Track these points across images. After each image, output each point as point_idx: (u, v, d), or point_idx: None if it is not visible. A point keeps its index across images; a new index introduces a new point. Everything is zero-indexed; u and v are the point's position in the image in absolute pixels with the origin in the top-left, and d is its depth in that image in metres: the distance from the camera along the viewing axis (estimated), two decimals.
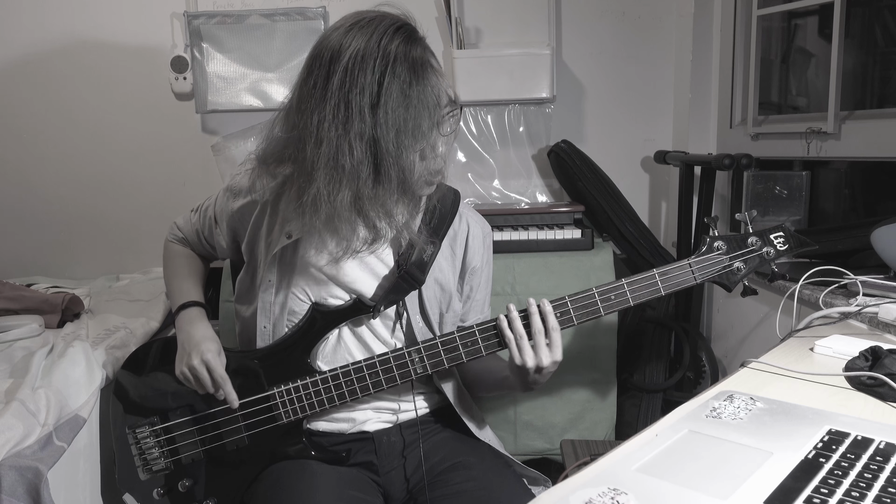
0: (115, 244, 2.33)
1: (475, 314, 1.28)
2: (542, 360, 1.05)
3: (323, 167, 0.98)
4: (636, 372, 2.03)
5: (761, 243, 1.11)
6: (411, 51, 0.97)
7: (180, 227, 1.36)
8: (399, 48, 0.96)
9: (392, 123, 0.95)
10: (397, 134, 0.96)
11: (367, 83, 0.95)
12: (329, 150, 0.97)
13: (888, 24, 1.86)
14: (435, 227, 1.17)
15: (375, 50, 0.96)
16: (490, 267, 1.29)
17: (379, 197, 1.01)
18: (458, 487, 1.12)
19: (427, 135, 0.99)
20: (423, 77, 0.97)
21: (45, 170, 2.30)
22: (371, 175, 0.99)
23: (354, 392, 1.13)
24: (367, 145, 0.97)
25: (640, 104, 2.25)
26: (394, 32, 0.98)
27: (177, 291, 1.30)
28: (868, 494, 0.64)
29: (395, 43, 0.97)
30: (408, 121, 0.96)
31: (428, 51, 1.02)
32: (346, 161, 0.97)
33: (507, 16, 2.20)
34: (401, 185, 1.01)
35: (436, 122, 1.00)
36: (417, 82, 0.96)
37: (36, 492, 1.14)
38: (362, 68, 0.95)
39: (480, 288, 1.27)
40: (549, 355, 1.05)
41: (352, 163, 0.97)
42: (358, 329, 1.18)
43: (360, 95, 0.95)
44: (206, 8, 2.18)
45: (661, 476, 0.69)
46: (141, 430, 1.21)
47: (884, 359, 0.93)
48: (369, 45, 0.96)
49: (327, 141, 0.97)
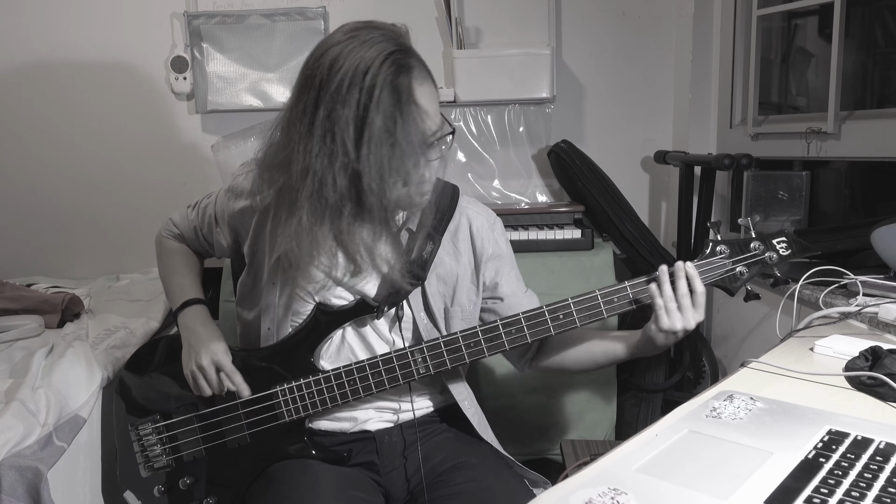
0: (115, 244, 2.34)
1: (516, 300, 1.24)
2: (690, 322, 1.07)
3: (307, 198, 0.98)
4: (636, 372, 2.03)
5: (764, 248, 1.11)
6: (398, 82, 0.95)
7: (176, 223, 1.36)
8: (386, 79, 0.94)
9: (375, 159, 0.95)
10: (380, 170, 0.95)
11: (352, 117, 0.94)
12: (314, 182, 0.97)
13: (888, 24, 1.86)
14: (434, 224, 1.17)
15: (361, 81, 0.94)
16: (510, 251, 1.28)
17: (359, 231, 1.02)
18: (459, 488, 1.12)
19: (412, 168, 0.98)
20: (409, 111, 0.96)
21: (45, 170, 2.30)
22: (353, 209, 0.99)
23: (357, 391, 1.13)
24: (350, 180, 0.96)
25: (640, 104, 2.26)
26: (382, 61, 0.95)
27: (177, 288, 1.30)
28: (868, 494, 0.64)
29: (382, 72, 0.94)
30: (392, 157, 0.95)
31: (417, 76, 0.99)
32: (329, 194, 0.97)
33: (507, 16, 2.20)
34: (382, 219, 1.01)
35: (422, 153, 0.99)
36: (402, 117, 0.95)
37: (36, 492, 1.14)
38: (347, 101, 0.94)
39: (505, 272, 1.24)
40: (695, 316, 1.07)
41: (335, 196, 0.97)
42: (362, 329, 1.18)
43: (345, 129, 0.94)
44: (206, 8, 2.18)
45: (661, 476, 0.69)
46: (143, 427, 1.21)
47: (884, 359, 0.93)
48: (356, 75, 0.94)
49: (312, 172, 0.97)
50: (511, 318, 1.10)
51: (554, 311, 1.09)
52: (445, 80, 2.20)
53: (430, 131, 1.00)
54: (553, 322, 1.09)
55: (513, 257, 1.28)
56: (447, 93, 2.10)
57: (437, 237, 1.18)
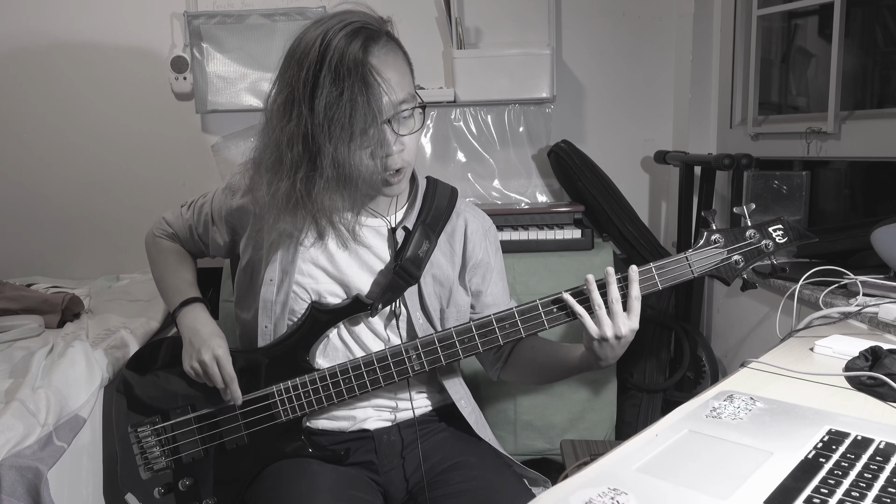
0: (115, 244, 2.34)
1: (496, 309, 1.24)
2: (620, 329, 1.04)
3: (268, 159, 1.03)
4: (636, 372, 2.03)
5: (760, 236, 1.10)
6: (347, 48, 0.97)
7: (170, 222, 1.36)
8: (336, 46, 0.97)
9: (323, 119, 0.97)
10: (330, 130, 0.97)
11: (306, 81, 0.98)
12: (272, 144, 1.01)
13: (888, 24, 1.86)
14: (430, 224, 1.18)
15: (317, 48, 0.98)
16: (500, 261, 1.28)
17: (316, 194, 1.03)
18: (458, 487, 1.12)
19: (366, 132, 0.99)
20: (356, 74, 0.97)
21: (45, 170, 2.30)
22: (308, 170, 1.01)
23: (353, 390, 1.13)
24: (304, 139, 0.99)
25: (640, 104, 2.25)
26: (338, 30, 0.99)
27: (174, 288, 1.29)
28: (868, 494, 0.64)
29: (335, 40, 0.98)
30: (339, 117, 0.97)
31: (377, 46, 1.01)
32: (286, 155, 1.00)
33: (507, 16, 2.20)
34: (339, 182, 1.02)
35: (379, 121, 1.00)
36: (349, 78, 0.97)
37: (36, 492, 1.14)
38: (303, 65, 0.99)
39: (493, 283, 1.26)
40: (627, 322, 1.04)
41: (290, 156, 1.00)
42: (356, 327, 1.18)
43: (300, 91, 0.98)
44: (206, 8, 2.18)
45: (661, 476, 0.69)
46: (143, 429, 1.21)
47: (884, 359, 0.93)
48: (315, 42, 0.99)
49: (274, 136, 1.01)
50: (505, 313, 1.10)
51: (546, 304, 1.09)
52: (445, 80, 2.20)
53: (389, 100, 1.01)
54: (546, 316, 1.09)
55: (502, 267, 1.29)
56: (447, 93, 2.10)
57: (434, 237, 1.18)
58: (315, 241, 1.15)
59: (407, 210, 1.20)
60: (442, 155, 2.27)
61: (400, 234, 1.17)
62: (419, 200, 1.20)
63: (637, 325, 1.05)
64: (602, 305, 1.04)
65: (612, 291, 1.04)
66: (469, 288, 1.24)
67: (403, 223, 1.18)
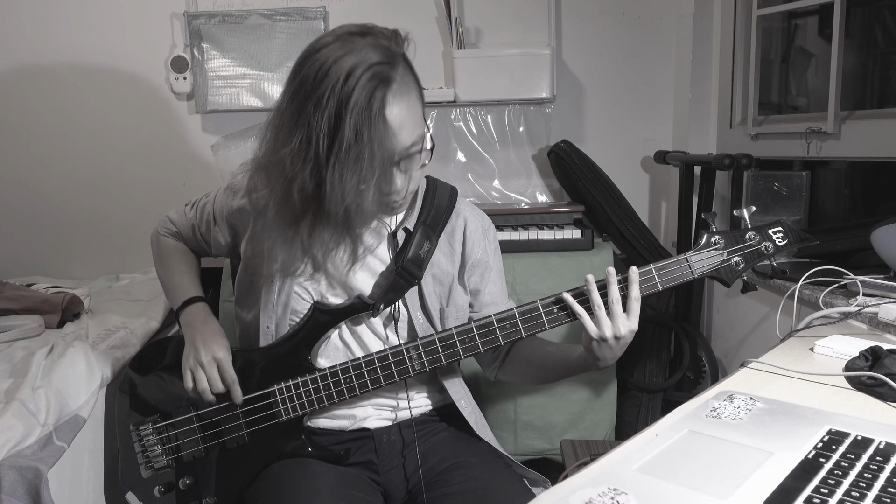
0: (115, 244, 2.34)
1: (495, 309, 1.23)
2: (620, 329, 1.04)
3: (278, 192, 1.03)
4: (636, 372, 2.03)
5: (760, 238, 1.10)
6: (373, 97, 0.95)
7: (174, 221, 1.36)
8: (361, 91, 0.94)
9: (339, 169, 0.96)
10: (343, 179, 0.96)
11: (325, 125, 0.95)
12: (284, 180, 1.00)
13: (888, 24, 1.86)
14: (431, 224, 1.18)
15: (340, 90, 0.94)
16: (499, 260, 1.28)
17: (317, 233, 1.04)
18: (457, 487, 1.12)
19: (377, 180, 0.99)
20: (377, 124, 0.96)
21: (45, 170, 2.30)
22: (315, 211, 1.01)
23: (353, 389, 1.13)
24: (316, 184, 0.98)
25: (640, 104, 2.25)
26: (363, 72, 0.95)
27: (178, 287, 1.30)
28: (868, 494, 0.64)
29: (359, 84, 0.94)
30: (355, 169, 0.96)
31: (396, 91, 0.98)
32: (295, 195, 1.00)
33: (507, 16, 2.20)
34: (344, 224, 1.03)
35: (388, 167, 1.00)
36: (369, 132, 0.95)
37: (36, 492, 1.14)
38: (324, 109, 0.95)
39: (491, 281, 1.25)
40: (626, 323, 1.04)
41: (300, 197, 1.00)
42: (358, 327, 1.18)
43: (319, 135, 0.96)
44: (206, 8, 2.18)
45: (661, 476, 0.69)
46: (144, 428, 1.22)
47: (884, 359, 0.93)
48: (337, 84, 0.95)
49: (286, 175, 1.00)
50: (505, 314, 1.10)
51: (548, 304, 1.09)
52: (445, 80, 2.20)
53: (402, 146, 1.00)
54: (547, 317, 1.09)
55: (500, 267, 1.29)
56: (447, 93, 2.10)
57: (434, 237, 1.18)
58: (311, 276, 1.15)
59: (407, 211, 1.20)
60: (442, 155, 2.27)
61: (400, 234, 1.17)
62: (419, 201, 1.20)
63: (636, 325, 1.05)
64: (601, 306, 1.04)
65: (613, 292, 1.04)
66: (468, 287, 1.24)
67: (404, 224, 1.18)
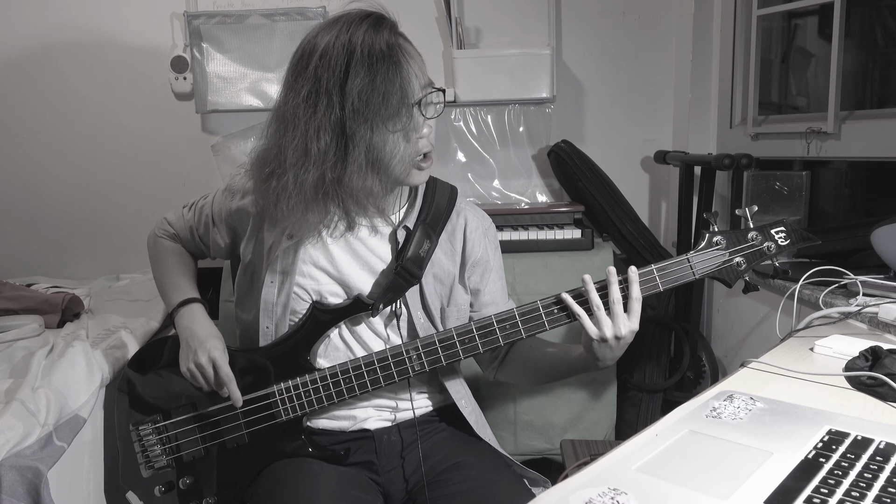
0: (115, 244, 2.34)
1: (495, 308, 1.24)
2: (620, 329, 1.04)
3: (292, 154, 1.02)
4: (636, 372, 2.03)
5: (762, 238, 1.09)
6: (376, 35, 1.01)
7: (171, 222, 1.36)
8: (364, 35, 1.01)
9: (358, 104, 0.99)
10: (365, 115, 0.99)
11: (335, 70, 0.99)
12: (298, 136, 1.01)
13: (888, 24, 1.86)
14: (431, 223, 1.18)
15: (342, 39, 1.01)
16: (499, 260, 1.28)
17: (347, 181, 1.03)
18: (457, 487, 1.12)
19: (399, 113, 1.01)
20: (389, 58, 1.01)
21: (45, 170, 2.30)
22: (339, 158, 1.02)
23: (353, 390, 1.13)
24: (333, 128, 1.00)
25: (640, 104, 2.25)
26: (359, 22, 1.02)
27: (173, 288, 1.29)
28: (868, 494, 0.64)
29: (360, 30, 1.01)
30: (374, 100, 0.99)
31: (395, 35, 1.05)
32: (313, 146, 1.01)
33: (507, 16, 2.20)
34: (373, 166, 1.03)
35: (410, 103, 1.03)
36: (383, 62, 1.00)
37: (36, 492, 1.14)
38: (330, 57, 1.00)
39: (491, 281, 1.25)
40: (626, 323, 1.04)
41: (318, 147, 1.01)
42: (357, 327, 1.18)
43: (329, 81, 1.00)
44: (206, 8, 2.18)
45: (661, 476, 0.69)
46: (144, 428, 1.22)
47: (884, 359, 0.93)
48: (338, 38, 1.01)
49: (298, 127, 1.01)
50: (505, 314, 1.10)
51: (548, 305, 1.09)
52: (445, 80, 2.20)
53: (416, 80, 1.04)
54: (547, 318, 1.09)
55: (501, 266, 1.30)
56: (447, 93, 2.10)
57: (435, 236, 1.18)
58: (344, 231, 1.14)
59: (407, 210, 1.20)
60: (442, 155, 2.27)
61: (401, 233, 1.17)
62: (419, 200, 1.20)
63: (637, 326, 1.05)
64: (601, 306, 1.04)
65: (614, 292, 1.04)
66: (468, 286, 1.24)
67: (404, 223, 1.18)
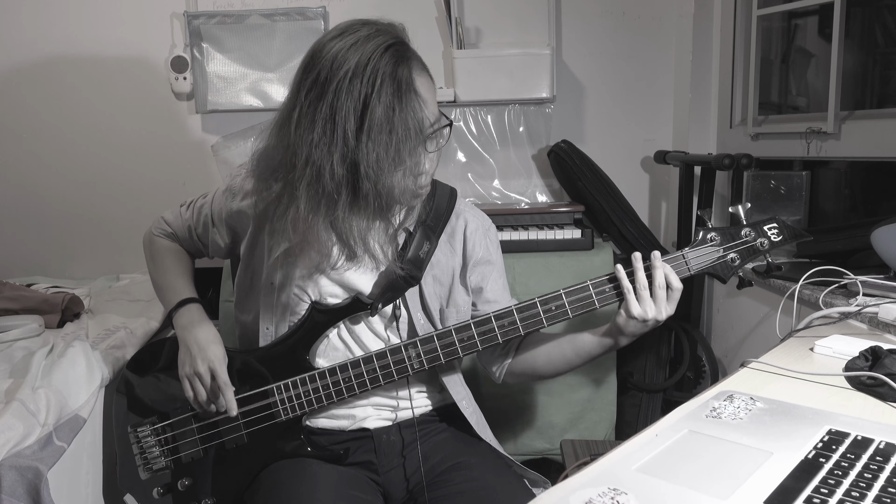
0: (115, 244, 2.33)
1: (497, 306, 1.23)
2: (661, 314, 1.08)
3: (305, 187, 1.00)
4: (636, 372, 2.03)
5: (755, 234, 1.12)
6: (398, 73, 0.97)
7: (169, 221, 1.35)
8: (386, 70, 0.97)
9: (373, 148, 0.97)
10: (378, 158, 0.97)
11: (353, 107, 0.96)
12: (312, 171, 0.99)
13: (888, 24, 1.86)
14: (431, 225, 1.18)
15: (363, 72, 0.96)
16: (500, 259, 1.28)
17: (354, 220, 1.03)
18: (457, 487, 1.12)
19: (410, 157, 1.00)
20: (408, 100, 0.98)
21: (45, 170, 2.30)
22: (349, 197, 1.01)
23: (352, 388, 1.13)
24: (347, 168, 0.98)
25: (640, 104, 2.25)
26: (382, 53, 0.97)
27: (171, 288, 1.28)
28: (868, 494, 0.64)
29: (382, 64, 0.97)
30: (389, 145, 0.97)
31: (416, 67, 1.01)
32: (326, 182, 0.99)
33: (507, 16, 2.20)
34: (378, 207, 1.02)
35: (420, 143, 1.01)
36: (401, 106, 0.97)
37: (36, 492, 1.14)
38: (350, 91, 0.96)
39: (493, 279, 1.25)
40: (667, 309, 1.08)
41: (332, 185, 0.99)
42: (356, 327, 1.18)
43: (346, 119, 0.97)
44: (206, 8, 2.18)
45: (661, 476, 0.69)
46: (143, 430, 1.21)
47: (884, 359, 0.93)
48: (358, 67, 0.96)
49: (311, 162, 0.99)
50: (503, 311, 1.11)
51: (546, 302, 1.09)
52: (445, 80, 2.20)
53: (428, 121, 1.02)
54: (545, 314, 1.09)
55: (502, 266, 1.30)
56: (447, 93, 2.10)
57: (435, 238, 1.18)
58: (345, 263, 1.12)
59: (407, 212, 1.20)
60: (442, 155, 2.27)
61: (401, 234, 1.17)
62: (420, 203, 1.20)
63: (674, 311, 1.10)
64: (646, 286, 1.08)
65: (659, 276, 1.07)
66: (469, 286, 1.24)
67: (404, 225, 1.18)
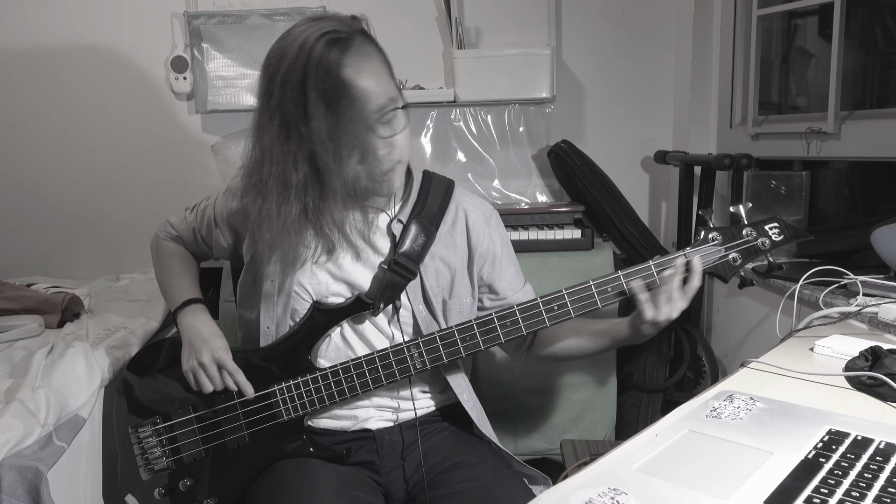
0: (115, 244, 2.33)
1: (513, 292, 1.26)
2: (673, 313, 1.08)
3: (274, 185, 1.02)
4: (636, 372, 2.03)
5: (756, 234, 1.12)
6: (328, 58, 0.98)
7: (174, 225, 1.36)
8: (316, 57, 0.97)
9: (320, 136, 0.98)
10: (328, 146, 0.98)
11: (294, 98, 0.98)
12: (277, 168, 1.01)
13: (888, 24, 1.86)
14: (426, 216, 1.18)
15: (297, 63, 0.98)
16: (507, 246, 1.29)
17: (326, 208, 1.04)
18: (458, 487, 1.12)
19: (360, 143, 1.01)
20: (339, 86, 0.98)
21: (45, 170, 2.30)
22: (317, 188, 1.02)
23: (354, 388, 1.13)
24: (308, 159, 1.00)
25: (640, 104, 2.25)
26: (314, 42, 0.98)
27: (176, 289, 1.30)
28: (868, 494, 0.64)
29: (314, 53, 0.97)
30: (334, 132, 0.98)
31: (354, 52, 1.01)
32: (292, 177, 1.00)
33: (507, 16, 2.20)
34: (347, 195, 1.04)
35: (365, 127, 1.01)
36: (334, 93, 0.97)
37: (36, 492, 1.14)
38: (290, 83, 0.98)
39: (504, 268, 1.26)
40: (679, 305, 1.08)
41: (297, 178, 1.00)
42: (359, 326, 1.18)
43: (293, 111, 0.98)
44: (206, 8, 2.18)
45: (661, 476, 0.69)
46: (143, 430, 1.21)
47: (884, 359, 0.93)
48: (295, 59, 0.98)
49: (275, 158, 1.01)
50: (506, 311, 1.11)
51: (548, 302, 1.10)
52: (445, 80, 2.20)
53: (371, 106, 1.02)
54: (548, 314, 1.09)
55: (510, 251, 1.29)
56: (447, 93, 2.10)
57: (432, 230, 1.18)
58: (327, 257, 1.14)
59: (402, 204, 1.20)
60: (442, 155, 2.28)
61: (396, 227, 1.17)
62: (413, 195, 1.20)
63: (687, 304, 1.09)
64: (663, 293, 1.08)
65: (676, 282, 1.07)
66: (480, 278, 1.24)
67: (398, 217, 1.18)
